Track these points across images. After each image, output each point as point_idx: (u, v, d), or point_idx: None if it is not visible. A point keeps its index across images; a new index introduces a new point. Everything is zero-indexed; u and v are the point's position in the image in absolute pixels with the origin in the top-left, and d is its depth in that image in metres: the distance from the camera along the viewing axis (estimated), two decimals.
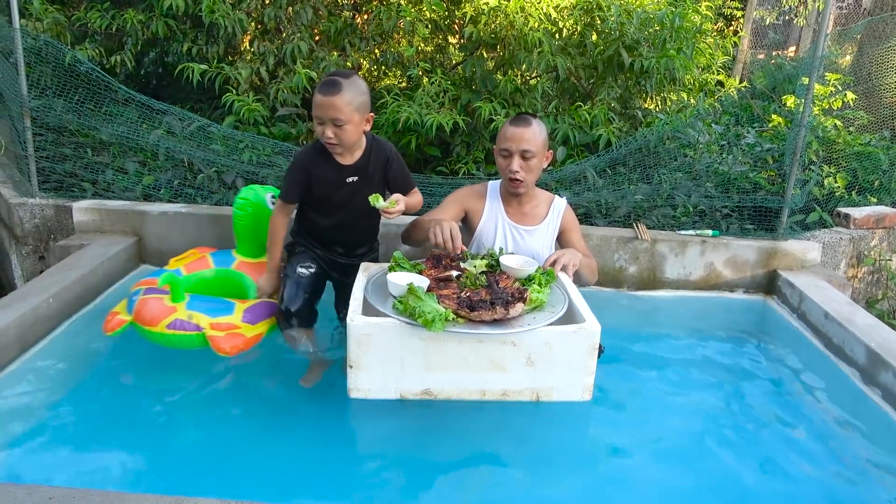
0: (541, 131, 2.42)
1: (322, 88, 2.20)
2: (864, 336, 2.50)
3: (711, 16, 5.03)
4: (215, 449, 1.98)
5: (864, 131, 4.60)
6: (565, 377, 1.94)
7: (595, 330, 1.91)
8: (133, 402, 2.18)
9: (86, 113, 3.53)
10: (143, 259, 3.17)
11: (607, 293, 3.23)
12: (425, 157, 4.16)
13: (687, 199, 3.61)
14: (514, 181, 2.42)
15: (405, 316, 1.85)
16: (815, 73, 3.20)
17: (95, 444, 1.95)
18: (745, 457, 2.06)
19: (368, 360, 1.89)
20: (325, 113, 2.20)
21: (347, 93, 2.19)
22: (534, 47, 3.97)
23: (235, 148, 3.64)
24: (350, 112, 2.21)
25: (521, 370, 1.92)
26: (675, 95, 4.74)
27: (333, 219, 2.43)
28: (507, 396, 1.95)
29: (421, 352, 1.88)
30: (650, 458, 2.03)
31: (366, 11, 4.54)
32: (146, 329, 2.25)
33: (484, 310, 1.85)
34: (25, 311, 2.35)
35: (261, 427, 2.08)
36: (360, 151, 2.38)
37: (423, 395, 1.93)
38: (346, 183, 2.38)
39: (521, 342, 1.89)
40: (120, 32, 4.16)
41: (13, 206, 3.21)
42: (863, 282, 3.66)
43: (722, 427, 2.22)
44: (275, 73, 4.14)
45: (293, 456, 1.95)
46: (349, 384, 1.92)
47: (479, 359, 1.90)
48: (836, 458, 2.07)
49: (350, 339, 1.87)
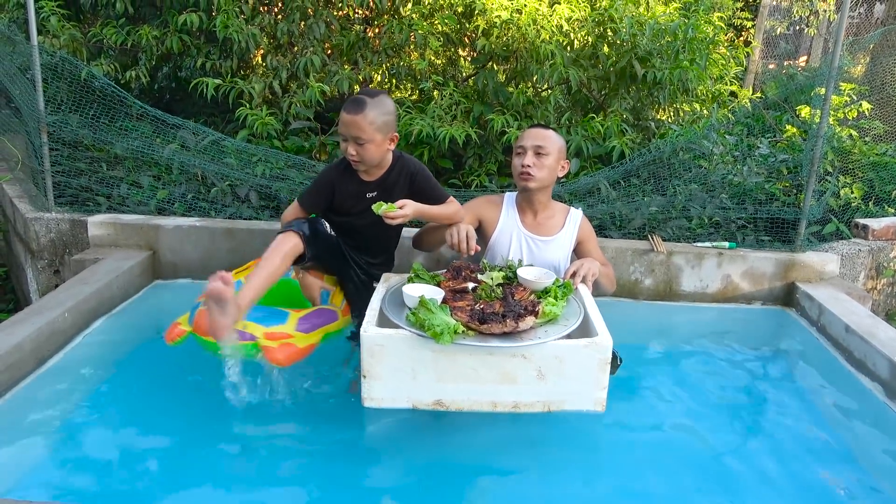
0: (557, 136, 2.47)
1: (347, 106, 2.22)
2: (886, 350, 2.46)
3: (723, 27, 5.02)
4: (228, 463, 1.97)
5: (879, 141, 4.56)
6: (576, 391, 1.92)
7: (607, 344, 1.89)
8: (147, 417, 2.17)
9: (101, 128, 3.56)
10: (157, 273, 3.18)
11: (624, 304, 3.20)
12: (438, 169, 4.15)
13: (702, 211, 3.58)
14: (525, 174, 2.42)
15: (417, 328, 1.86)
16: (831, 83, 3.18)
17: (108, 459, 1.94)
18: (765, 471, 2.02)
19: (381, 370, 1.90)
20: (348, 131, 2.22)
21: (371, 112, 2.20)
22: (546, 59, 3.97)
23: (249, 161, 3.65)
24: (372, 132, 2.21)
25: (531, 383, 1.90)
26: (688, 106, 4.72)
27: (350, 234, 2.44)
28: (519, 408, 1.94)
29: (432, 363, 1.88)
30: (664, 471, 2.01)
31: (377, 25, 4.56)
32: (204, 339, 2.24)
33: (494, 322, 1.85)
34: (41, 326, 2.35)
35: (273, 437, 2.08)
36: (384, 170, 2.39)
37: (435, 405, 1.93)
38: (365, 198, 2.38)
39: (532, 355, 1.88)
40: (135, 48, 4.20)
41: (29, 221, 3.24)
42: (882, 293, 3.61)
43: (741, 441, 2.18)
44: (287, 86, 4.16)
45: (306, 468, 1.95)
46: (363, 393, 1.92)
47: (489, 371, 1.89)
48: (860, 473, 2.03)
49: (363, 349, 1.88)
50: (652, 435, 2.20)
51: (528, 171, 2.41)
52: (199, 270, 3.14)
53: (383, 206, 2.18)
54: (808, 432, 2.25)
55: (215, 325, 1.97)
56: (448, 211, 2.42)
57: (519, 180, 2.46)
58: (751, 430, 2.25)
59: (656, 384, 2.52)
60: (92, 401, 2.22)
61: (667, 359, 2.74)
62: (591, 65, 4.22)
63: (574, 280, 2.27)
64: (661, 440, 2.17)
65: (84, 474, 1.87)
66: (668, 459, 2.06)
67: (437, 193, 2.44)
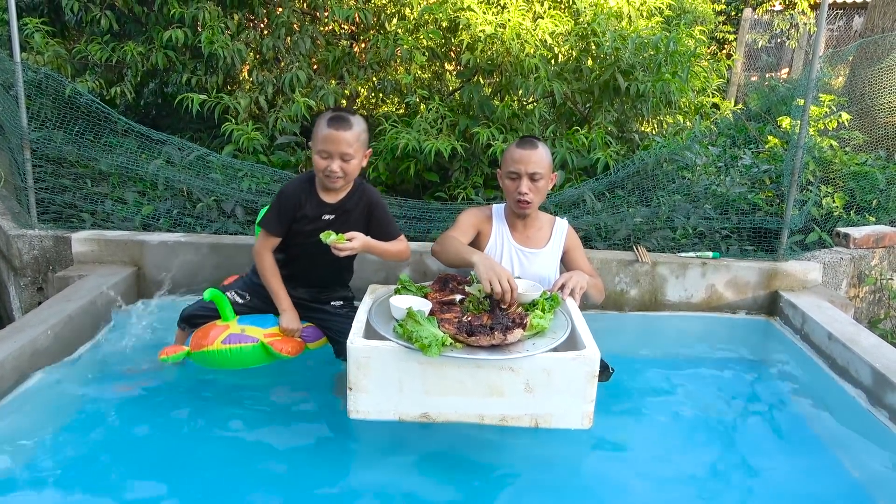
0: (546, 154, 2.47)
1: (333, 123, 2.22)
2: (868, 357, 2.48)
3: (705, 40, 5.10)
4: (215, 474, 1.95)
5: (859, 151, 4.63)
6: (564, 404, 1.92)
7: (594, 357, 1.89)
8: (129, 435, 2.15)
9: (85, 144, 3.55)
10: (142, 289, 3.16)
11: (609, 315, 3.21)
12: (424, 182, 4.17)
13: (686, 221, 3.62)
14: (522, 202, 2.43)
15: (404, 340, 1.85)
16: (810, 94, 3.23)
17: (87, 480, 1.91)
18: (751, 480, 2.03)
19: (368, 383, 1.89)
20: (335, 147, 2.22)
21: (356, 128, 2.25)
22: (530, 73, 4.01)
23: (234, 176, 3.65)
24: (358, 147, 2.26)
25: (519, 396, 1.90)
26: (672, 118, 4.78)
27: (298, 256, 2.40)
28: (506, 422, 1.93)
29: (419, 375, 1.88)
30: (651, 480, 2.01)
31: (363, 40, 4.59)
32: (203, 350, 2.30)
33: (482, 335, 1.85)
34: (23, 344, 2.33)
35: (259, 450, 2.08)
36: (346, 192, 2.39)
37: (422, 418, 1.93)
38: (321, 220, 2.36)
39: (520, 368, 1.88)
40: (120, 64, 4.20)
41: (12, 238, 3.21)
42: (864, 301, 3.65)
43: (728, 450, 2.19)
44: (273, 101, 4.18)
45: (293, 478, 1.95)
46: (349, 406, 1.91)
47: (477, 384, 1.89)
48: (845, 480, 2.04)
49: (350, 361, 1.87)
50: (637, 444, 2.20)
51: (525, 199, 2.42)
52: (185, 286, 3.12)
53: (332, 235, 2.16)
54: (793, 440, 2.26)
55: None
56: (396, 248, 2.43)
57: (517, 208, 2.47)
58: (735, 439, 2.26)
59: (642, 394, 2.53)
60: (73, 421, 2.19)
61: (651, 368, 2.75)
62: (575, 78, 4.27)
63: (562, 293, 2.28)
64: (647, 449, 2.17)
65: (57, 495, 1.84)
66: (652, 468, 2.06)
67: (392, 229, 2.45)
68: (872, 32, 5.61)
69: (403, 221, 3.55)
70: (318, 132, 2.25)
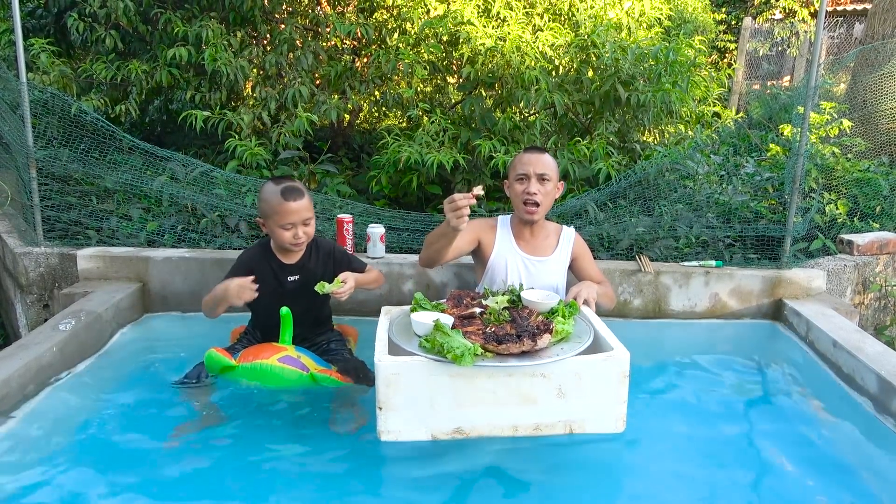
0: (554, 161, 2.52)
1: (288, 196, 2.31)
2: (874, 364, 2.47)
3: (705, 49, 5.12)
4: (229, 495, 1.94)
5: (862, 157, 4.63)
6: (597, 407, 1.91)
7: (624, 358, 1.90)
8: (139, 453, 2.14)
9: (91, 162, 3.58)
10: (147, 305, 3.17)
11: (614, 323, 3.20)
12: (427, 195, 4.19)
13: (689, 230, 3.61)
14: (530, 204, 2.43)
15: (433, 353, 1.84)
16: (809, 102, 3.24)
17: (95, 498, 1.91)
18: (759, 488, 2.01)
19: (398, 401, 1.87)
20: (298, 217, 2.33)
21: (307, 194, 2.38)
22: (531, 85, 4.04)
23: (238, 192, 3.68)
24: (312, 210, 2.39)
25: (552, 402, 1.89)
26: (673, 128, 4.79)
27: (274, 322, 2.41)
28: (540, 431, 1.91)
29: (450, 389, 1.86)
30: (658, 489, 1.99)
31: (365, 55, 4.63)
32: (257, 363, 2.26)
33: (511, 342, 1.85)
34: (29, 361, 2.34)
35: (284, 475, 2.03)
36: (302, 251, 2.48)
37: (455, 433, 1.90)
38: (287, 282, 2.46)
39: (551, 373, 1.87)
40: (125, 82, 4.25)
41: (18, 256, 3.24)
42: (870, 308, 3.64)
43: (735, 458, 2.17)
44: (277, 117, 4.21)
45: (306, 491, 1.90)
46: (379, 426, 1.89)
47: (509, 393, 1.88)
48: (853, 487, 2.03)
49: (379, 379, 1.86)
50: (643, 453, 2.19)
51: (534, 198, 2.43)
52: (190, 302, 3.14)
53: (326, 286, 2.29)
54: (801, 448, 2.24)
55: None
56: (374, 277, 2.61)
57: (524, 212, 2.47)
58: (742, 447, 2.24)
59: (649, 401, 2.52)
60: (79, 439, 2.20)
61: (658, 375, 2.74)
62: (576, 89, 4.29)
63: (578, 300, 2.30)
64: (654, 458, 2.16)
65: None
66: (659, 477, 2.05)
67: (357, 264, 2.58)
68: (873, 39, 5.61)
69: (406, 234, 3.57)
70: (271, 206, 2.32)
